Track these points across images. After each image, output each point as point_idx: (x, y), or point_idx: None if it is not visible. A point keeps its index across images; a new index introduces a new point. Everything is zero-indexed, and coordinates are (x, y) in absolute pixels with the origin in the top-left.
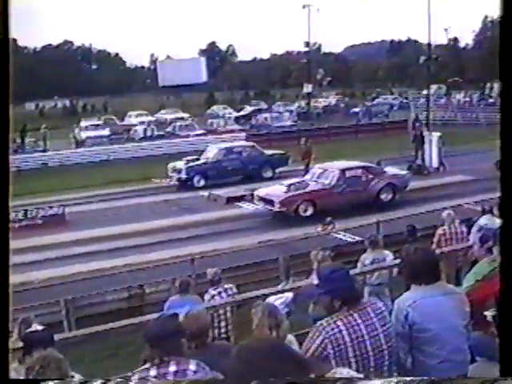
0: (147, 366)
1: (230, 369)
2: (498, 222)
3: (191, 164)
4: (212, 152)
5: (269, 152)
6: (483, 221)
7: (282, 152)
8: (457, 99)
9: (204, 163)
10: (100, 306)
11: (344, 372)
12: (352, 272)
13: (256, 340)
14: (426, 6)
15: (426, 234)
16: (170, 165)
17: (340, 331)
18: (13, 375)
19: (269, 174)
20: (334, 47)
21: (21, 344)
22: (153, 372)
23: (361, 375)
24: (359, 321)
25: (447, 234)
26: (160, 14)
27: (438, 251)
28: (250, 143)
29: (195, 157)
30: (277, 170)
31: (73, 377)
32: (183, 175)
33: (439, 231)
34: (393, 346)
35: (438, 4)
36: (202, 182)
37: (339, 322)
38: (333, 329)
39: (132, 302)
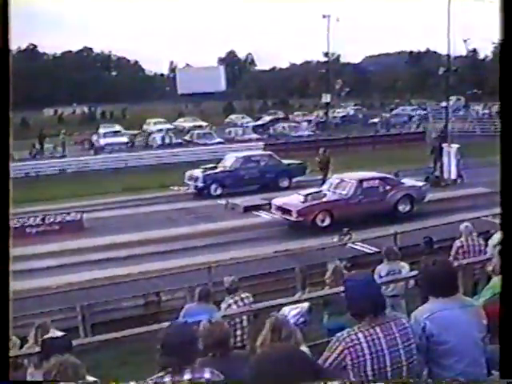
0: (162, 373)
1: (249, 376)
2: None
3: (208, 172)
4: (229, 160)
5: (286, 161)
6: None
7: (300, 162)
8: (476, 111)
9: (221, 171)
10: (116, 312)
11: None
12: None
13: (274, 348)
14: (445, 17)
15: (444, 246)
16: (188, 173)
17: (360, 343)
18: (29, 379)
19: (285, 183)
20: (352, 57)
21: (37, 349)
22: (167, 379)
23: None
24: (380, 335)
25: (465, 247)
26: (180, 23)
27: (455, 263)
28: (268, 152)
29: (213, 165)
30: (294, 180)
31: (89, 382)
32: (200, 183)
33: (457, 243)
34: (413, 362)
35: (458, 15)
36: (219, 191)
37: (360, 334)
38: (352, 340)
39: (148, 309)
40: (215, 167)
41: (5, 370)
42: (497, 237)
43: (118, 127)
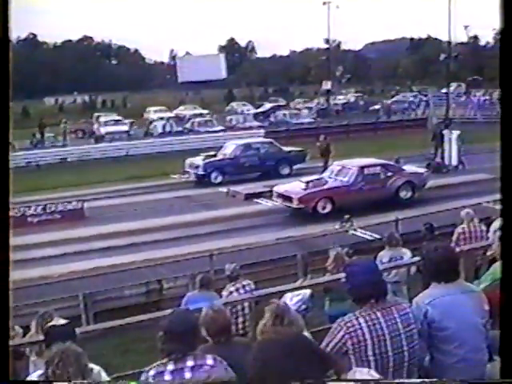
0: (164, 360)
1: (253, 361)
2: None
3: (209, 160)
4: (230, 148)
5: (286, 149)
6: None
7: (300, 149)
8: (477, 97)
9: (222, 159)
10: (118, 300)
11: (364, 371)
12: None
13: (277, 333)
14: (446, 3)
15: (445, 233)
16: (188, 160)
17: (361, 328)
18: (31, 368)
19: (286, 170)
20: (353, 44)
21: (39, 337)
22: (170, 366)
23: (381, 377)
24: (381, 320)
25: (466, 233)
26: (179, 10)
27: (456, 249)
28: (268, 140)
29: (213, 153)
30: (294, 167)
31: (92, 370)
32: (201, 171)
33: (458, 229)
34: (415, 347)
35: (459, 2)
36: (220, 178)
37: (361, 319)
38: (354, 325)
39: (150, 297)
40: (215, 155)
41: (5, 370)
42: (498, 222)
43: (115, 116)
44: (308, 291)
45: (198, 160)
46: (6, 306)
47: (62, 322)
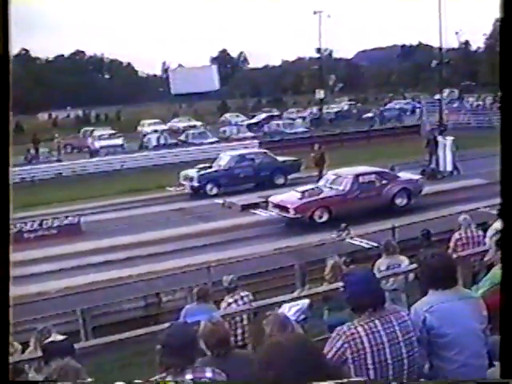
0: (163, 374)
1: (261, 364)
2: None
3: (203, 172)
4: (224, 159)
5: (281, 159)
6: (498, 225)
7: (294, 158)
8: (470, 103)
9: (216, 171)
10: (117, 315)
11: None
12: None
13: (284, 338)
14: (436, 9)
15: (441, 239)
16: (182, 173)
17: (360, 337)
18: None
19: (281, 180)
20: (345, 53)
21: (38, 354)
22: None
23: None
24: (380, 328)
25: (464, 239)
26: (171, 23)
27: (454, 255)
28: (262, 150)
29: (207, 164)
30: (289, 177)
31: None
32: (195, 183)
33: (455, 235)
34: (414, 355)
35: (449, 8)
36: (215, 190)
37: (360, 328)
38: (353, 333)
39: (149, 311)
40: (210, 167)
41: (5, 370)
42: (494, 227)
43: (109, 130)
44: (306, 301)
45: (193, 172)
46: (7, 307)
47: (60, 337)
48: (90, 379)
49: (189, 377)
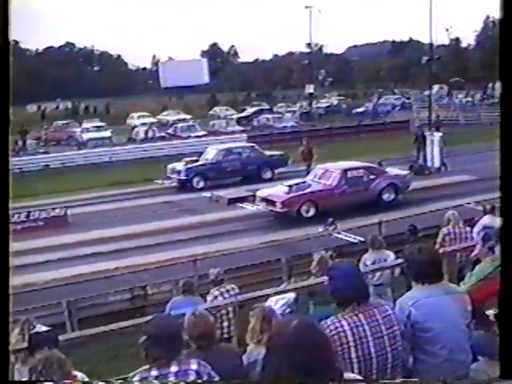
0: (148, 366)
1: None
2: (499, 221)
3: (190, 165)
4: (211, 153)
5: (268, 153)
6: (485, 221)
7: (282, 153)
8: (459, 99)
9: (203, 164)
10: (103, 307)
11: (351, 376)
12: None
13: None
14: (427, 6)
15: (428, 234)
16: (170, 166)
17: (344, 331)
18: (16, 376)
19: (268, 174)
20: (335, 48)
21: (23, 345)
22: (154, 372)
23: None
24: (364, 322)
25: (451, 234)
26: (162, 16)
27: (441, 251)
28: (250, 144)
29: (194, 158)
30: (276, 171)
31: (75, 376)
32: (182, 176)
33: (444, 231)
34: (398, 349)
35: (440, 4)
36: (202, 184)
37: (344, 322)
38: (336, 327)
39: (135, 303)
40: (197, 160)
41: (5, 370)
42: (482, 223)
43: (98, 122)
44: (292, 295)
45: (180, 165)
46: (6, 307)
47: (44, 328)
48: (75, 371)
49: (174, 369)
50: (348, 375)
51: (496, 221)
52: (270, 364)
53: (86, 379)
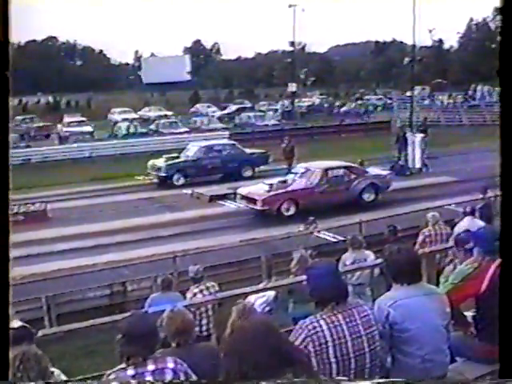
0: (123, 365)
1: (226, 358)
2: (479, 223)
3: (171, 162)
4: (192, 150)
5: (249, 151)
6: (464, 223)
7: (262, 151)
8: (440, 100)
9: (184, 161)
10: (81, 302)
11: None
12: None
13: (248, 323)
14: (411, 7)
15: (408, 235)
16: (150, 162)
17: (322, 330)
18: None
19: (248, 172)
20: (318, 47)
21: None
22: (130, 372)
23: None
24: (342, 322)
25: (432, 235)
26: (145, 12)
27: (420, 251)
28: (231, 142)
29: (175, 154)
30: (257, 169)
31: (52, 373)
32: (163, 173)
33: (425, 232)
34: (376, 349)
35: (423, 5)
36: (182, 180)
37: (322, 322)
38: (315, 327)
39: (114, 299)
40: (178, 157)
41: (5, 370)
42: (461, 225)
43: (79, 117)
44: (272, 293)
45: (160, 162)
46: (6, 304)
47: (19, 324)
48: (52, 368)
49: (151, 367)
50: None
51: (476, 223)
52: (231, 364)
53: (63, 376)
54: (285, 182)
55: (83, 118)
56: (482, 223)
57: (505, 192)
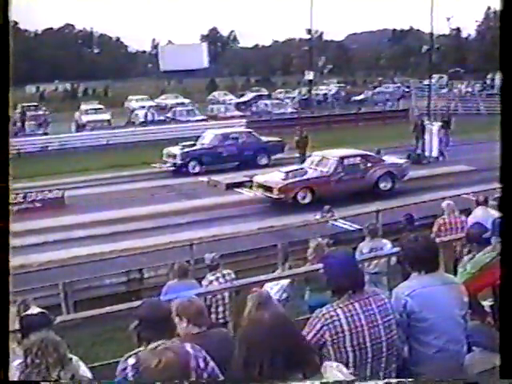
0: (142, 348)
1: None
2: (492, 213)
3: (186, 149)
4: (208, 138)
5: (265, 139)
6: (476, 213)
7: (278, 139)
8: (458, 89)
9: (199, 149)
10: (98, 289)
11: (333, 365)
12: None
13: (264, 316)
14: None
15: (425, 224)
16: (165, 150)
17: (339, 319)
18: (11, 357)
19: (264, 160)
20: (335, 35)
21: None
22: None
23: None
24: (359, 311)
25: (447, 224)
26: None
27: (436, 240)
28: (247, 129)
29: (191, 142)
30: (272, 158)
31: (70, 359)
32: (178, 161)
33: (439, 221)
34: (393, 338)
35: None
36: (197, 168)
37: (339, 311)
38: (332, 316)
39: (131, 286)
40: (193, 144)
41: (5, 370)
42: (474, 215)
43: (96, 105)
44: (288, 280)
45: (176, 149)
46: (6, 307)
47: (38, 310)
48: (70, 354)
49: None
50: (331, 364)
51: (489, 212)
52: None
53: (81, 362)
54: (301, 169)
55: (100, 106)
56: (494, 212)
57: (505, 184)
